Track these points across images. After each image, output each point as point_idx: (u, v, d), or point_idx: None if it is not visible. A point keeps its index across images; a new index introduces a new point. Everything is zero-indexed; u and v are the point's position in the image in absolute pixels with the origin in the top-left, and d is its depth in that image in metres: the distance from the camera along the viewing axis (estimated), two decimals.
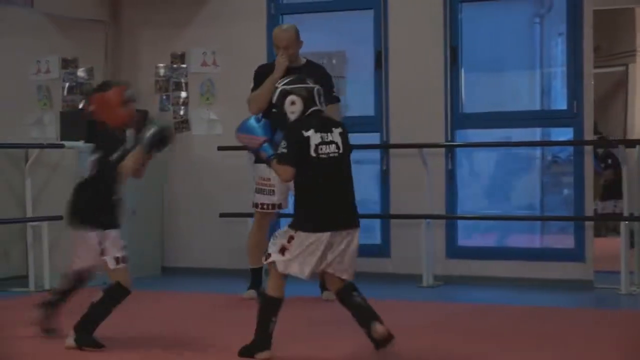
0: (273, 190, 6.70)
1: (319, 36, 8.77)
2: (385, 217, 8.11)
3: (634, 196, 7.45)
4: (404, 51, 8.04)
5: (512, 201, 8.74)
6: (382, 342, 4.51)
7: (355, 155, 4.90)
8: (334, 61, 9.35)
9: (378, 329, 4.49)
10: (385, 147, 8.10)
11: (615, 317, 6.26)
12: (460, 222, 8.05)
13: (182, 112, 8.83)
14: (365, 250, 8.19)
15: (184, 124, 8.81)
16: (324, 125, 4.64)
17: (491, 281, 7.64)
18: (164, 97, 8.88)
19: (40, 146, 7.83)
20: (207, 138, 8.64)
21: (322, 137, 4.57)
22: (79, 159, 7.73)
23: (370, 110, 8.25)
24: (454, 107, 7.97)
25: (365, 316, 4.56)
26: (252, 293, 6.81)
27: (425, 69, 7.99)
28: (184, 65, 8.86)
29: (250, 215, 7.33)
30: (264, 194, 6.74)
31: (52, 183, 7.76)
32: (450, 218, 7.92)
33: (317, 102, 4.68)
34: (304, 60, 6.80)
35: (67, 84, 9.12)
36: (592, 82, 7.66)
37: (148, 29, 8.98)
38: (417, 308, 6.59)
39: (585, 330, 5.69)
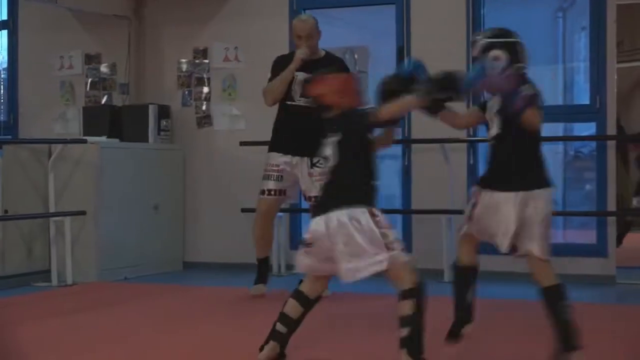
0: (281, 177, 6.64)
1: (341, 31, 8.78)
2: (407, 212, 8.10)
3: None
4: (426, 46, 8.01)
5: None
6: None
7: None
8: (356, 56, 9.35)
9: None
10: (407, 142, 8.09)
11: (637, 312, 6.22)
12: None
13: (204, 107, 8.86)
14: None
15: (206, 119, 8.83)
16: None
17: (513, 276, 7.60)
18: (186, 92, 8.91)
19: (64, 141, 7.87)
20: (229, 133, 8.67)
21: None
22: (101, 154, 7.78)
23: None
24: (476, 101, 7.94)
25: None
26: (262, 288, 6.78)
27: (448, 64, 7.85)
28: (206, 61, 8.88)
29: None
30: (270, 179, 6.66)
31: (75, 178, 7.80)
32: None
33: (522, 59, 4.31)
34: (322, 53, 6.75)
35: (89, 80, 9.16)
36: (615, 77, 7.62)
37: (170, 24, 9.01)
38: (439, 303, 6.57)
39: (606, 325, 5.66)
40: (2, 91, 9.74)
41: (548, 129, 8.30)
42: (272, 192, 6.67)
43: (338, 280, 4.19)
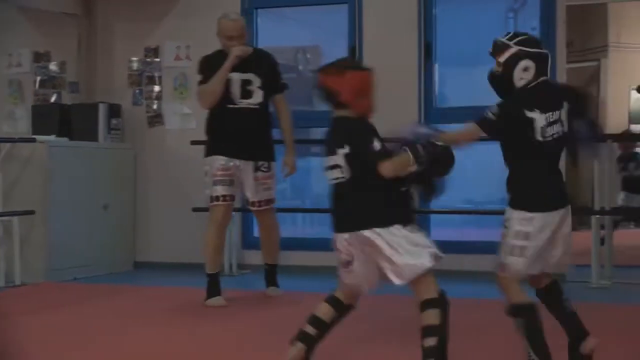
0: (232, 181, 6.41)
1: (294, 30, 8.78)
2: None
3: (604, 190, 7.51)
4: (378, 46, 8.04)
5: (485, 195, 8.76)
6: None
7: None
8: (308, 55, 9.36)
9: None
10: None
11: (587, 310, 6.26)
12: (433, 217, 8.06)
13: (155, 106, 8.81)
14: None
15: (157, 118, 8.78)
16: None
17: (463, 275, 7.65)
18: (137, 91, 8.85)
19: (12, 140, 7.78)
20: (180, 132, 8.62)
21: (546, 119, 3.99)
22: (50, 153, 7.69)
23: None
24: (427, 101, 7.99)
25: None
26: (221, 300, 6.38)
27: (400, 64, 8.00)
28: (157, 59, 8.83)
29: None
30: (222, 184, 6.39)
31: (24, 177, 7.71)
32: (424, 212, 7.92)
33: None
34: (251, 49, 6.56)
35: (39, 78, 9.07)
36: (565, 77, 7.69)
37: (121, 22, 8.94)
38: (389, 301, 6.59)
39: (556, 322, 5.70)
40: None
41: None
42: (226, 198, 6.41)
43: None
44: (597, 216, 7.32)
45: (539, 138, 4.01)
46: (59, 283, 7.52)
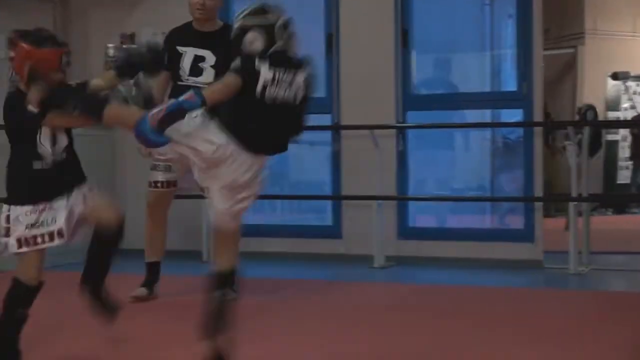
0: (169, 167, 5.98)
1: None
2: (336, 198, 8.12)
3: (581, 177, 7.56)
4: (355, 33, 8.03)
5: (462, 182, 8.79)
6: None
7: (306, 136, 4.80)
8: None
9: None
10: (336, 128, 8.09)
11: (564, 296, 6.33)
12: (411, 203, 8.08)
13: (134, 93, 8.74)
14: (316, 231, 8.29)
15: None
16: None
17: (443, 262, 7.68)
18: None
19: None
20: None
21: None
22: None
23: (321, 92, 8.24)
24: (405, 89, 7.99)
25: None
26: (144, 291, 6.12)
27: (377, 51, 7.99)
28: (134, 46, 8.77)
29: (201, 196, 7.28)
30: (158, 169, 6.04)
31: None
32: (401, 199, 7.95)
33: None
34: (220, 24, 6.02)
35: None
36: (542, 64, 7.72)
37: (97, 9, 8.89)
38: (369, 289, 6.62)
39: (535, 309, 5.75)
40: None
41: (476, 115, 8.46)
42: (160, 184, 6.06)
43: None
44: (575, 203, 7.37)
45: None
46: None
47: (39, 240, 4.05)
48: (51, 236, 4.08)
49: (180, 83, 5.86)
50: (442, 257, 7.74)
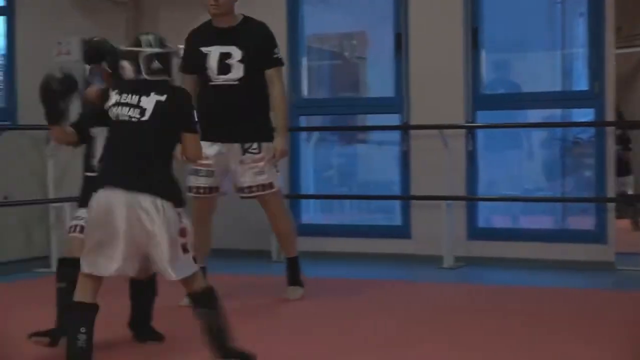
0: (212, 172, 5.80)
1: (339, 17, 8.76)
2: (405, 198, 8.10)
3: None
4: (424, 32, 8.01)
5: (532, 183, 8.71)
6: None
7: (375, 136, 4.82)
8: (354, 42, 9.34)
9: None
10: (405, 128, 8.08)
11: (636, 298, 6.24)
12: (480, 204, 8.04)
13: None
14: (385, 231, 8.29)
15: None
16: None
17: (512, 263, 7.63)
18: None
19: None
20: None
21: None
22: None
23: (390, 92, 8.24)
24: (474, 88, 7.95)
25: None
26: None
27: (446, 50, 7.96)
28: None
29: None
30: (200, 175, 5.81)
31: (74, 164, 7.76)
32: (471, 199, 7.91)
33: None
34: (240, 17, 5.91)
35: (87, 66, 9.11)
36: (614, 63, 7.62)
37: (168, 10, 8.99)
38: (438, 289, 6.60)
39: (605, 311, 5.68)
40: (0, 77, 9.72)
41: (547, 115, 8.39)
42: (202, 190, 5.85)
43: None
44: None
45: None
46: None
47: None
48: None
49: (211, 83, 5.79)
50: (512, 258, 7.68)
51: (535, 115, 8.35)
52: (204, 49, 5.81)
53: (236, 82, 5.74)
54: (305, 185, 8.64)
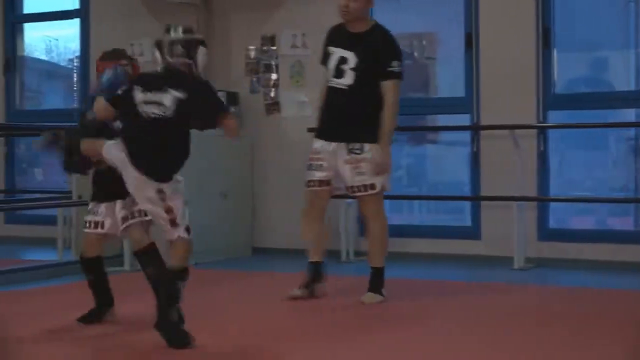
0: (321, 165, 5.91)
1: (410, 17, 8.74)
2: (475, 199, 8.06)
3: None
4: (495, 32, 7.96)
5: (605, 183, 8.59)
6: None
7: (445, 136, 4.81)
8: (424, 42, 9.31)
9: None
10: (476, 128, 8.04)
11: None
12: (552, 205, 7.96)
13: (272, 94, 8.90)
14: (455, 232, 8.25)
15: (274, 106, 8.87)
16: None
17: (584, 264, 7.54)
18: (255, 79, 8.95)
19: None
20: (297, 120, 8.68)
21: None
22: None
23: (460, 92, 8.20)
24: (546, 88, 7.88)
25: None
26: (304, 291, 6.03)
27: (517, 50, 7.90)
28: (274, 48, 8.91)
29: (339, 196, 7.36)
30: (312, 169, 5.95)
31: None
32: (542, 200, 7.84)
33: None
34: (371, 23, 5.96)
35: (159, 66, 9.21)
36: None
37: (238, 11, 9.05)
38: (509, 290, 6.55)
39: None
40: (75, 79, 9.89)
41: (620, 115, 8.27)
42: (314, 183, 5.96)
43: None
44: None
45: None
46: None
47: None
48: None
49: (328, 84, 5.96)
50: (584, 260, 7.59)
51: (608, 115, 8.24)
52: (330, 48, 6.00)
53: (345, 88, 5.85)
54: None
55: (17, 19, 10.22)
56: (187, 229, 4.63)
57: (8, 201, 9.91)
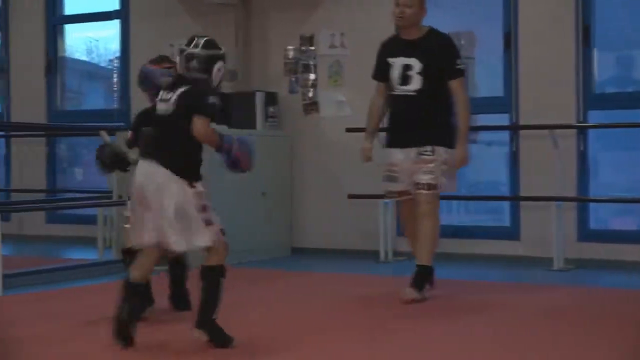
0: (396, 178, 6.08)
1: (448, 16, 8.70)
2: (515, 199, 8.02)
3: None
4: (534, 31, 7.91)
5: None
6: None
7: (484, 136, 4.78)
8: (462, 41, 9.24)
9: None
10: (515, 128, 8.00)
11: None
12: (592, 205, 7.90)
13: (310, 94, 8.91)
14: (494, 233, 8.21)
15: (312, 106, 8.88)
16: None
17: (625, 265, 7.48)
18: (293, 79, 8.97)
19: None
20: (335, 120, 8.69)
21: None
22: None
23: (499, 91, 8.16)
24: (586, 87, 7.82)
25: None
26: (412, 292, 5.93)
27: (557, 49, 7.85)
28: (312, 48, 8.92)
29: (378, 196, 7.36)
30: (389, 180, 6.15)
31: None
32: (582, 200, 7.78)
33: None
34: (425, 30, 6.11)
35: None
36: None
37: (277, 11, 9.07)
38: (547, 291, 6.51)
39: None
40: (115, 79, 9.96)
41: None
42: (397, 194, 6.18)
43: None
44: None
45: None
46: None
47: None
48: None
49: (392, 93, 6.12)
50: (625, 261, 7.53)
51: None
52: (389, 60, 6.13)
53: (414, 93, 6.02)
54: None
55: (58, 21, 10.32)
56: (222, 230, 4.61)
57: (49, 201, 10.00)
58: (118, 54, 9.97)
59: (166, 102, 4.55)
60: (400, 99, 6.07)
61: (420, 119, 6.02)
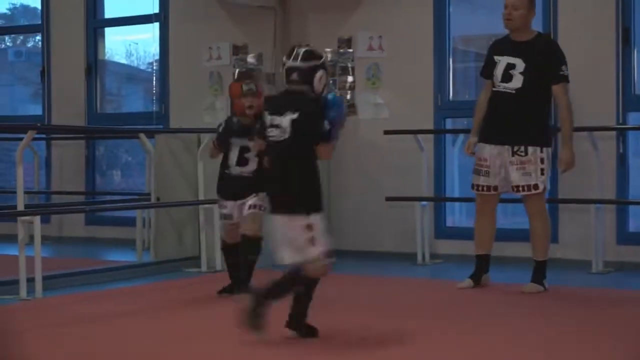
0: (488, 172, 6.37)
1: (486, 18, 8.68)
2: (553, 201, 7.97)
3: None
4: (573, 32, 7.87)
5: None
6: None
7: None
8: None
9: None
10: (553, 130, 7.94)
11: None
12: (631, 208, 7.84)
13: (348, 97, 8.91)
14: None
15: (350, 108, 8.88)
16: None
17: None
18: (331, 81, 8.98)
19: (212, 130, 8.02)
20: (373, 122, 8.69)
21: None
22: None
23: None
24: (625, 89, 7.76)
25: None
26: (469, 282, 6.54)
27: (596, 51, 7.81)
28: (350, 50, 8.93)
29: (416, 199, 7.35)
30: (479, 174, 6.42)
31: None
32: (621, 203, 7.72)
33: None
34: (534, 33, 6.45)
35: (237, 70, 9.32)
36: None
37: (315, 14, 9.09)
38: (586, 294, 6.47)
39: None
40: (154, 82, 10.03)
41: None
42: (482, 188, 6.43)
43: None
44: None
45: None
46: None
47: None
48: None
49: (494, 89, 6.35)
50: None
51: None
52: (496, 58, 6.39)
53: (513, 91, 6.27)
54: (450, 188, 8.61)
55: (98, 24, 10.40)
56: (328, 253, 4.76)
57: (89, 203, 10.08)
58: (157, 57, 10.03)
59: (277, 128, 4.59)
60: (500, 96, 6.32)
61: (517, 117, 6.27)
